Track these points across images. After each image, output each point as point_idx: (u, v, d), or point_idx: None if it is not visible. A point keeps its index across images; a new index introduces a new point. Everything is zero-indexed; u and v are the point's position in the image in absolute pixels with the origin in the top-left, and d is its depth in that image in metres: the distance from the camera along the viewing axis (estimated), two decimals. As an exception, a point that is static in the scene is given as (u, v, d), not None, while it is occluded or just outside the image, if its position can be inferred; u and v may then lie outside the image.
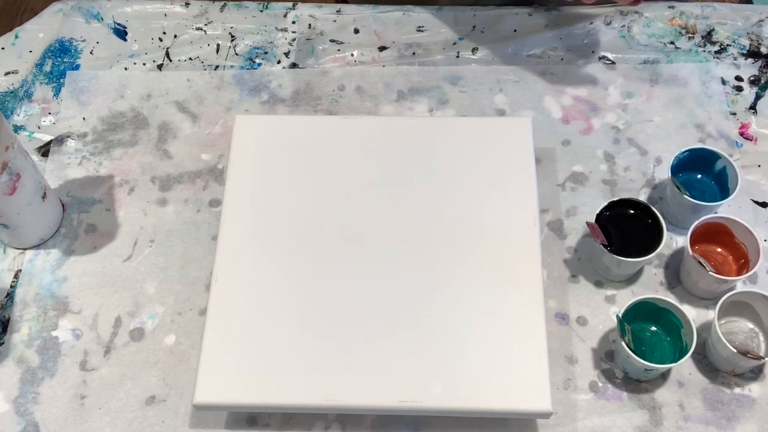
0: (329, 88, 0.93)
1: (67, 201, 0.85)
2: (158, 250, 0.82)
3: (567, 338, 0.76)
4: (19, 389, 0.75)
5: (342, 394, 0.66)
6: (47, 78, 0.95)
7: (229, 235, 0.74)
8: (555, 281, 0.79)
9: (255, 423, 0.73)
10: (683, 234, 0.80)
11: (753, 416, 0.72)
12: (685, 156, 0.80)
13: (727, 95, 0.91)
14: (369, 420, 0.73)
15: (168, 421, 0.73)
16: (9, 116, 0.91)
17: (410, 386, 0.66)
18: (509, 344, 0.68)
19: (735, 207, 0.83)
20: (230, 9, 0.98)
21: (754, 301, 0.74)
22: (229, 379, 0.67)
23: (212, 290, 0.71)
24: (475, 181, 0.76)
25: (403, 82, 0.93)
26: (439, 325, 0.69)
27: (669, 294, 0.78)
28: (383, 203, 0.75)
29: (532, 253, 0.72)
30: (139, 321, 0.78)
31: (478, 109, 0.90)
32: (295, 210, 0.75)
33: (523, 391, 0.66)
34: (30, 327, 0.78)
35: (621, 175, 0.85)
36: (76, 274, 0.81)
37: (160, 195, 0.86)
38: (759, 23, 0.96)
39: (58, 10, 0.99)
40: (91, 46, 0.97)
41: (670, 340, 0.73)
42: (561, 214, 0.83)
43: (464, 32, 0.97)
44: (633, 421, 0.72)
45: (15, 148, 0.74)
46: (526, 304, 0.69)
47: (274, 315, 0.70)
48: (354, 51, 0.96)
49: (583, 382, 0.74)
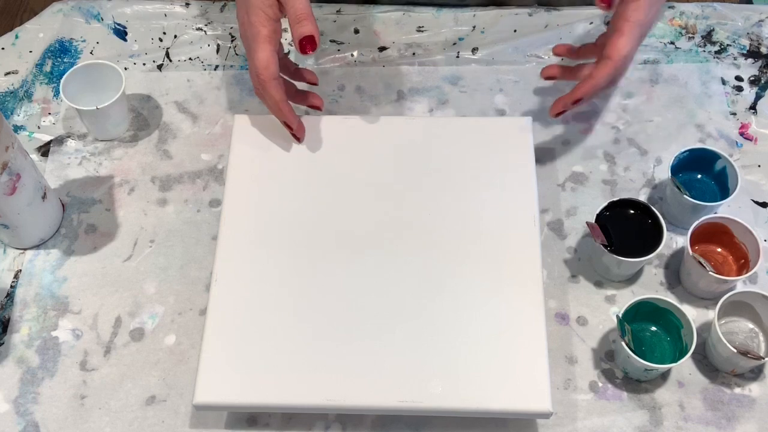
0: (329, 88, 0.93)
1: (67, 201, 0.85)
2: (158, 250, 0.82)
3: (567, 338, 0.76)
4: (19, 389, 0.75)
5: (342, 394, 0.66)
6: (47, 78, 0.95)
7: (229, 235, 0.74)
8: (555, 281, 0.79)
9: (255, 423, 0.73)
10: (683, 234, 0.80)
11: (753, 416, 0.72)
12: (685, 156, 0.80)
13: (727, 95, 0.91)
14: (369, 420, 0.73)
15: (168, 421, 0.73)
16: (9, 116, 0.92)
17: (410, 386, 0.66)
18: (509, 344, 0.68)
19: (735, 207, 0.83)
20: (230, 9, 0.98)
21: (754, 301, 0.74)
22: (229, 379, 0.67)
23: (212, 290, 0.71)
24: (475, 181, 0.76)
25: (403, 82, 0.93)
26: (439, 325, 0.69)
27: (669, 294, 0.78)
28: (383, 203, 0.75)
29: (532, 253, 0.72)
30: (139, 321, 0.78)
31: (478, 109, 0.90)
32: (295, 210, 0.75)
33: (523, 391, 0.66)
34: (30, 327, 0.78)
35: (621, 175, 0.86)
36: (76, 274, 0.81)
37: (160, 195, 0.86)
38: (759, 23, 0.96)
39: (58, 10, 0.99)
40: (91, 46, 0.97)
41: (670, 340, 0.73)
42: (561, 214, 0.83)
43: (464, 32, 0.97)
44: (633, 421, 0.72)
45: (15, 148, 0.74)
46: (526, 304, 0.69)
47: (274, 315, 0.70)
48: (354, 51, 0.96)
49: (583, 382, 0.74)
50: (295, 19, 0.71)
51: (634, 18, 0.73)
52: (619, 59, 0.73)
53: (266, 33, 0.73)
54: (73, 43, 0.97)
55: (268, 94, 0.74)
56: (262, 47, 0.72)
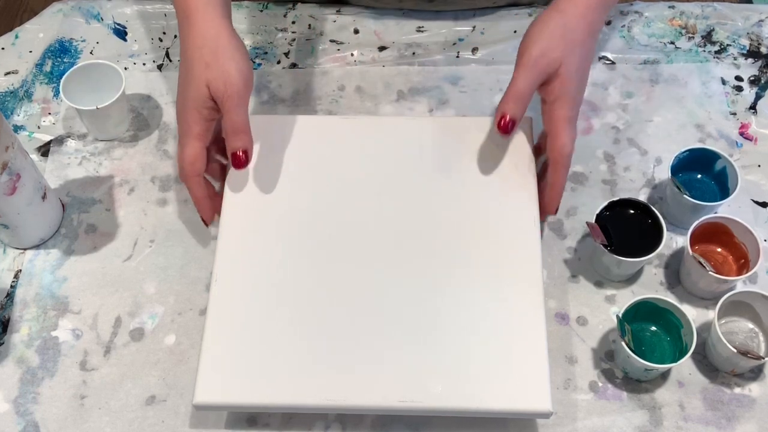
0: (329, 88, 0.93)
1: (67, 201, 0.85)
2: (158, 250, 0.82)
3: (567, 338, 0.76)
4: (19, 389, 0.75)
5: (342, 394, 0.66)
6: (47, 78, 0.95)
7: (229, 235, 0.74)
8: (555, 281, 0.79)
9: (255, 423, 0.73)
10: (683, 234, 0.80)
11: (753, 416, 0.72)
12: (685, 156, 0.80)
13: (727, 95, 0.91)
14: (369, 420, 0.73)
15: (168, 421, 0.73)
16: (9, 116, 0.91)
17: (410, 386, 0.66)
18: (509, 344, 0.68)
19: (735, 207, 0.83)
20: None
21: (754, 301, 0.74)
22: (229, 379, 0.67)
23: (212, 290, 0.71)
24: (475, 181, 0.76)
25: (403, 82, 0.93)
26: (439, 324, 0.69)
27: (669, 294, 0.78)
28: (383, 203, 0.75)
29: (532, 253, 0.72)
30: (139, 321, 0.78)
31: (478, 109, 0.90)
32: (295, 210, 0.75)
33: (523, 391, 0.66)
34: (30, 327, 0.78)
35: (621, 175, 0.85)
36: (76, 274, 0.81)
37: (160, 195, 0.86)
38: (759, 23, 0.96)
39: (58, 10, 0.99)
40: (91, 46, 0.97)
41: (670, 340, 0.73)
42: (561, 214, 0.83)
43: (464, 32, 0.97)
44: (633, 421, 0.72)
45: (15, 148, 0.74)
46: (526, 304, 0.69)
47: (274, 315, 0.70)
48: (354, 51, 0.96)
49: (583, 382, 0.74)
50: (231, 131, 0.71)
51: (562, 116, 0.71)
52: (564, 159, 0.71)
53: (197, 131, 0.72)
54: (73, 43, 0.97)
55: (190, 188, 0.74)
56: (191, 143, 0.72)
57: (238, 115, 0.71)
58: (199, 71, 0.71)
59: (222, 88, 0.70)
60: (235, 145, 0.72)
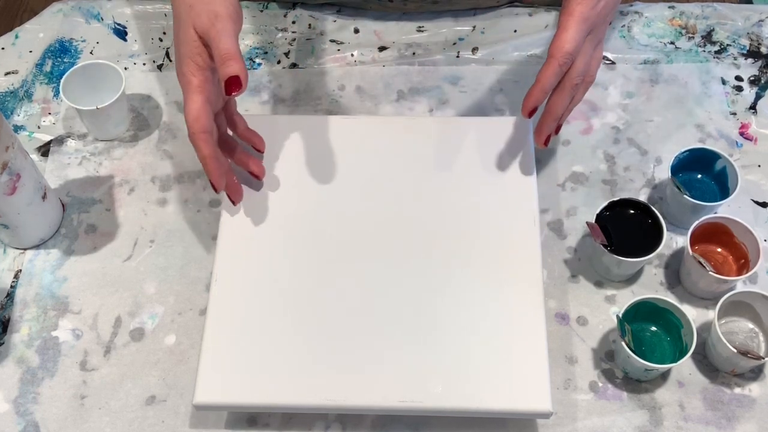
0: (329, 88, 0.93)
1: (67, 201, 0.85)
2: (158, 250, 0.82)
3: (567, 338, 0.76)
4: (19, 389, 0.75)
5: (342, 394, 0.66)
6: (47, 78, 0.95)
7: (229, 235, 0.74)
8: (555, 281, 0.79)
9: (255, 423, 0.73)
10: (683, 234, 0.80)
11: (753, 416, 0.72)
12: (685, 156, 0.80)
13: (727, 95, 0.91)
14: (369, 420, 0.73)
15: (168, 421, 0.73)
16: (9, 116, 0.91)
17: (410, 386, 0.66)
18: (509, 344, 0.68)
19: (735, 207, 0.83)
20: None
21: (754, 301, 0.74)
22: (229, 379, 0.67)
23: (212, 290, 0.71)
24: (475, 181, 0.76)
25: (403, 82, 0.93)
26: (440, 325, 0.69)
27: (669, 294, 0.78)
28: (383, 203, 0.75)
29: (532, 253, 0.72)
30: (139, 321, 0.78)
31: (478, 109, 0.90)
32: (295, 210, 0.75)
33: (523, 391, 0.66)
34: (30, 327, 0.78)
35: (621, 175, 0.86)
36: (76, 274, 0.81)
37: (160, 195, 0.86)
38: (759, 23, 0.96)
39: (58, 10, 0.99)
40: (91, 46, 0.97)
41: (670, 340, 0.73)
42: (561, 214, 0.83)
43: (464, 32, 0.97)
44: (633, 421, 0.72)
45: (15, 148, 0.74)
46: (526, 304, 0.69)
47: (274, 315, 0.70)
48: (354, 51, 0.96)
49: (583, 382, 0.74)
50: (220, 59, 0.65)
51: (578, 11, 0.68)
52: (561, 56, 0.68)
53: (197, 83, 0.68)
54: (73, 43, 0.97)
55: (196, 146, 0.69)
56: (192, 98, 0.68)
57: (224, 42, 0.66)
58: (185, 17, 0.68)
59: (207, 23, 0.66)
60: (226, 71, 0.65)
